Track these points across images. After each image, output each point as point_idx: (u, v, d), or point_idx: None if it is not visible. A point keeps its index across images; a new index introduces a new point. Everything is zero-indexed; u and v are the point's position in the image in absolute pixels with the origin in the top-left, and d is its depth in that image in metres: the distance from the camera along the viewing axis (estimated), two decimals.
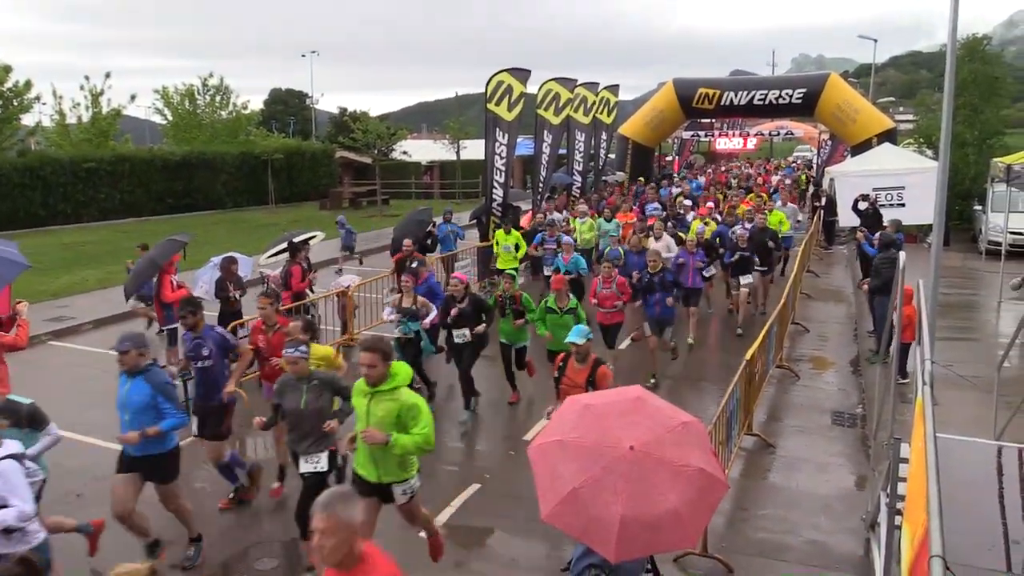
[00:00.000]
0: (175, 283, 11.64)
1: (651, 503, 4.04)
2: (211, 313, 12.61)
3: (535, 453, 4.49)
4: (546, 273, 14.73)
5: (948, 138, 9.28)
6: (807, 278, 18.58)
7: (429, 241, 16.14)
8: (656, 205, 20.03)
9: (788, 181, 29.46)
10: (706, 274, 13.81)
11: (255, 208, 37.44)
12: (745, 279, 14.36)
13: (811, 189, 31.76)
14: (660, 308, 11.16)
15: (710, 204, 20.06)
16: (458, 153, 43.04)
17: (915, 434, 4.30)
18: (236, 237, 26.25)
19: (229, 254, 12.71)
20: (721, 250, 14.94)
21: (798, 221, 20.91)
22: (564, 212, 19.21)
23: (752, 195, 22.71)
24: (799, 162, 48.67)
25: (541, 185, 20.93)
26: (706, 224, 16.15)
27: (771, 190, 24.67)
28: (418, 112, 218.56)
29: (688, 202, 20.83)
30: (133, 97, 46.21)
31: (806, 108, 27.88)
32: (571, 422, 4.53)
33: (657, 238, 14.38)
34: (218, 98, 42.64)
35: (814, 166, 40.10)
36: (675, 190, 24.76)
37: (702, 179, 30.36)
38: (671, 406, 5.02)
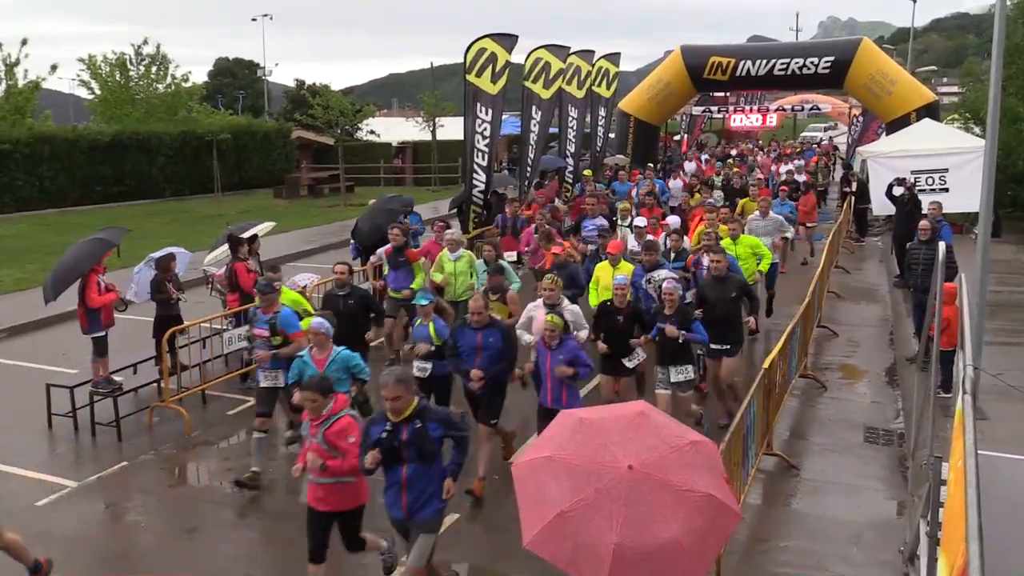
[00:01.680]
0: (103, 285, 11.58)
1: (650, 531, 4.06)
2: (145, 318, 12.66)
3: (520, 471, 4.52)
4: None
5: (996, 112, 9.35)
6: (836, 274, 18.66)
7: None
8: (600, 222, 14.66)
9: (797, 175, 24.43)
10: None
11: (198, 197, 37.24)
12: (663, 384, 9.20)
13: (830, 179, 31.38)
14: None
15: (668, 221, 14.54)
16: (434, 132, 42.94)
17: (954, 449, 4.35)
18: (176, 230, 26.12)
19: (168, 250, 12.66)
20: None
21: (785, 238, 15.80)
22: (556, 200, 19.26)
23: (704, 201, 16.87)
24: (825, 144, 45.18)
25: (529, 168, 20.97)
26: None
27: (774, 189, 20.18)
28: (388, 85, 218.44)
29: (640, 221, 13.87)
30: (54, 67, 45.45)
31: (834, 79, 28.05)
32: (562, 437, 4.56)
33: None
34: (154, 69, 42.37)
35: (843, 147, 40.32)
36: (673, 183, 22.42)
37: (691, 167, 27.41)
38: (678, 423, 5.06)
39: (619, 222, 15.40)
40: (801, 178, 24.15)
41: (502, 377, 8.52)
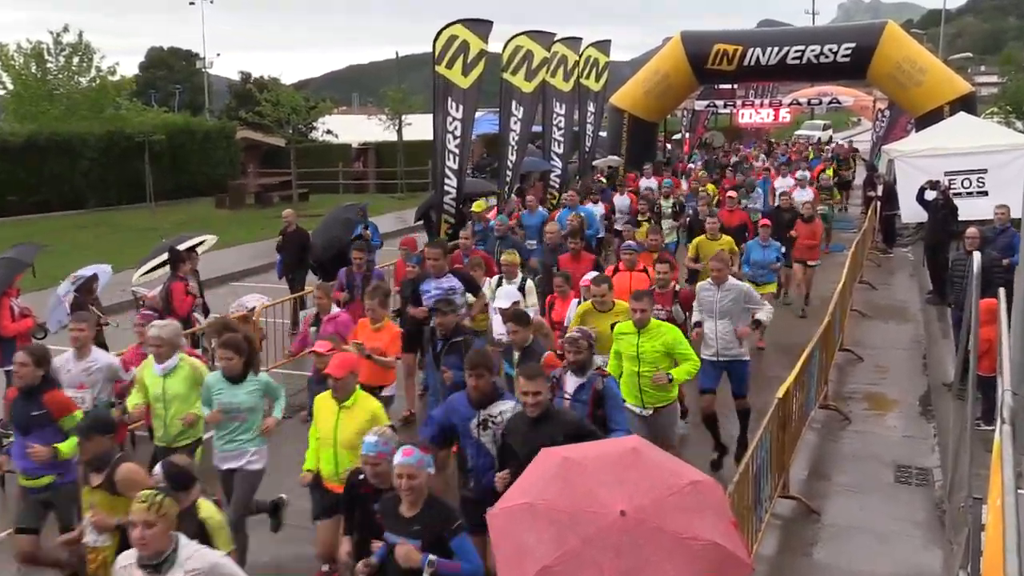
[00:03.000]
0: (17, 310, 11.52)
1: None
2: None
3: (497, 520, 4.51)
4: None
5: None
6: (860, 290, 18.77)
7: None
8: (449, 284, 11.17)
9: (800, 192, 20.90)
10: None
11: (128, 207, 37.11)
12: None
13: (845, 203, 30.69)
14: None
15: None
16: (400, 132, 43.03)
17: (991, 486, 4.39)
18: (102, 245, 25.97)
19: (91, 269, 12.59)
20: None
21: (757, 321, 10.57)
22: (540, 208, 19.28)
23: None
24: (840, 145, 42.83)
25: (509, 172, 21.01)
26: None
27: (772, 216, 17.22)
28: (347, 78, 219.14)
29: (503, 301, 10.04)
30: None
31: (856, 68, 28.33)
32: (545, 480, 4.55)
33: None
34: (76, 60, 42.33)
35: (864, 146, 40.53)
36: (619, 200, 20.20)
37: (650, 183, 22.68)
38: (677, 461, 5.06)
39: (489, 284, 11.67)
40: (806, 196, 19.74)
41: None
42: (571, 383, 7.60)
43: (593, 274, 10.75)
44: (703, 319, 10.31)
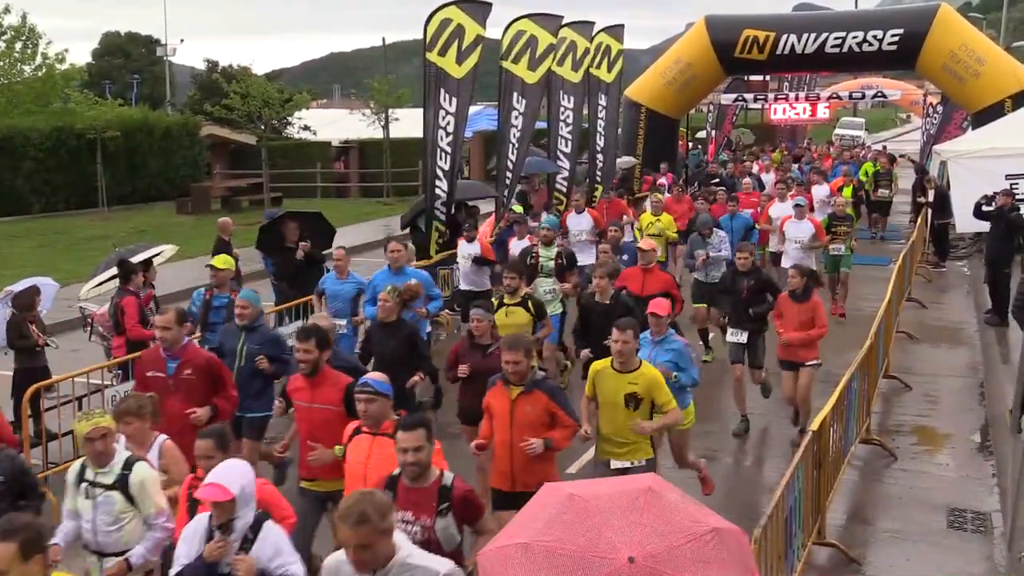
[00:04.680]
0: None
1: None
2: (2, 372, 12.55)
3: (485, 560, 4.48)
4: None
5: None
6: (908, 309, 18.76)
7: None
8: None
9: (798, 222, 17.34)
10: None
11: (77, 213, 37.21)
12: None
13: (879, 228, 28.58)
14: None
15: None
16: (386, 128, 43.16)
17: None
18: (47, 256, 26.04)
19: (29, 281, 12.61)
20: None
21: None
22: (546, 213, 19.35)
23: None
24: (870, 149, 40.89)
25: (509, 174, 21.04)
26: None
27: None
28: (327, 67, 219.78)
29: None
30: None
31: (904, 58, 28.44)
32: (546, 518, 4.52)
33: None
34: (19, 46, 42.50)
35: (911, 147, 40.44)
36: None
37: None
38: (698, 504, 5.03)
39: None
40: (801, 230, 16.97)
41: None
42: None
43: None
44: None
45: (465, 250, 15.97)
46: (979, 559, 9.43)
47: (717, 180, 25.84)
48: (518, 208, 18.89)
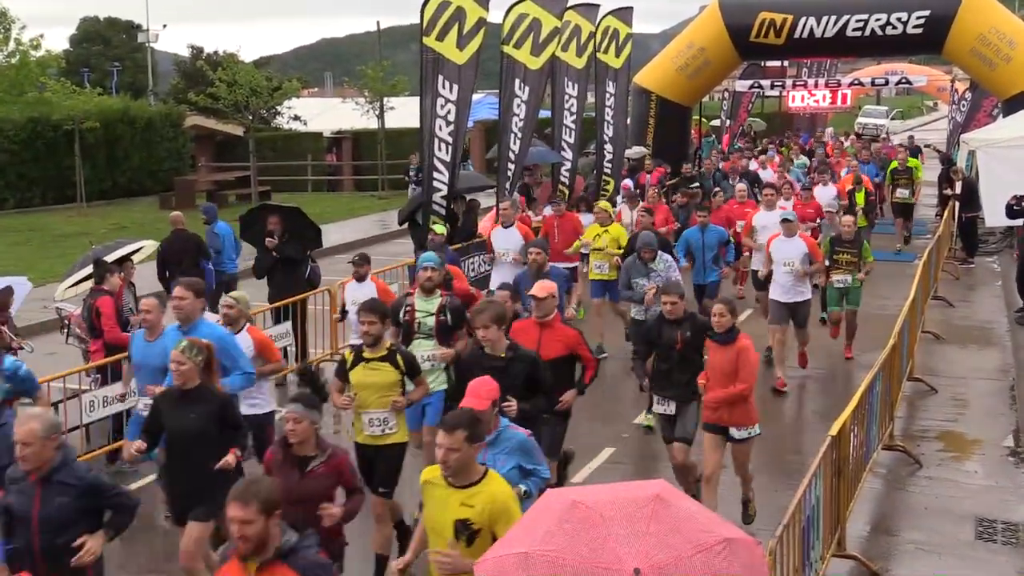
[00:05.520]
0: None
1: None
2: None
3: (485, 571, 4.50)
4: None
5: None
6: (934, 308, 18.74)
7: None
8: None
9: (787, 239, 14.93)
10: None
11: (54, 208, 37.18)
12: None
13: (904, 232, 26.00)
14: None
15: None
16: (381, 117, 43.13)
17: None
18: (21, 254, 26.06)
19: (4, 282, 12.64)
20: None
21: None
22: (549, 207, 19.28)
23: None
24: (889, 145, 39.09)
25: (511, 165, 21.04)
26: None
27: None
28: (319, 54, 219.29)
29: None
30: None
31: (930, 42, 28.32)
32: (548, 526, 4.54)
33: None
34: None
35: (936, 136, 40.35)
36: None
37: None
38: (709, 513, 5.05)
39: None
40: (791, 250, 14.67)
41: None
42: None
43: None
44: None
45: (352, 294, 12.74)
46: (1010, 572, 9.43)
47: (697, 184, 24.57)
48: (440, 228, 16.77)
